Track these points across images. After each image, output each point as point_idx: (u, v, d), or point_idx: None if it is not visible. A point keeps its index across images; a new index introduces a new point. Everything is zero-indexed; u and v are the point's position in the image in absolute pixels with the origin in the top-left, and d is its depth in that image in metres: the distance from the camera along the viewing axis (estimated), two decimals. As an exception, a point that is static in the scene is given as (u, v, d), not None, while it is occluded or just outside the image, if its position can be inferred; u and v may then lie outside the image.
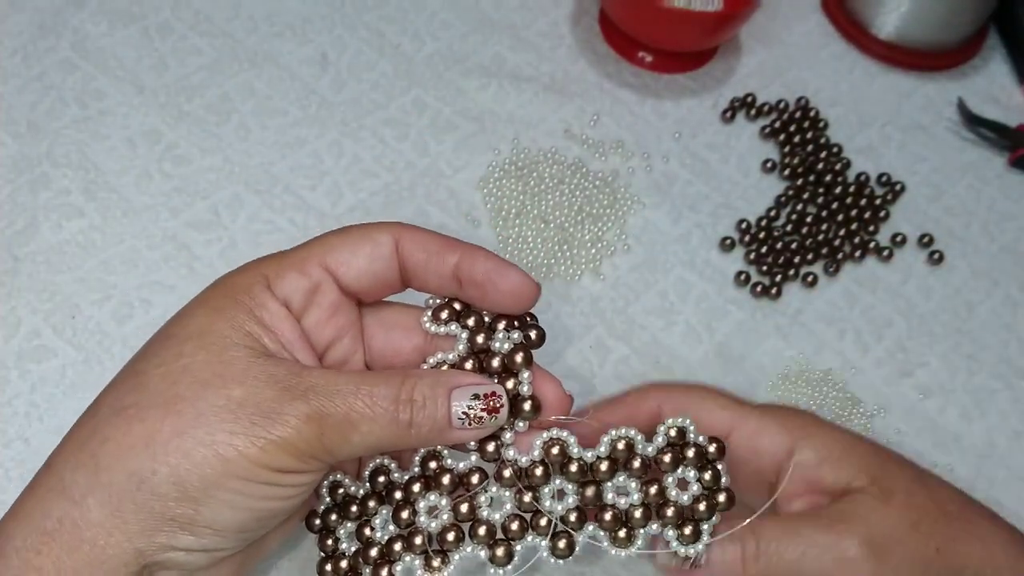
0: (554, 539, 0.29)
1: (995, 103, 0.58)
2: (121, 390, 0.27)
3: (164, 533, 0.26)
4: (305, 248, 0.30)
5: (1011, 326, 0.49)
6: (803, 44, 0.60)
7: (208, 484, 0.26)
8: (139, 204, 0.47)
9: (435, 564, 0.29)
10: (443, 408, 0.28)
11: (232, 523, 0.27)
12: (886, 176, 0.54)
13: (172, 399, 0.26)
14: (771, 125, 0.55)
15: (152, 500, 0.25)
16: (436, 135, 0.52)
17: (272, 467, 0.26)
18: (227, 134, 0.51)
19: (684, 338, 0.47)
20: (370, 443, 0.28)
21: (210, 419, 0.26)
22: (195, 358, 0.27)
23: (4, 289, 0.44)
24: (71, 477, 0.26)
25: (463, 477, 0.29)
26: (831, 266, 0.50)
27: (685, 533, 0.29)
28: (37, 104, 0.50)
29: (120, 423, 0.26)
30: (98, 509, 0.25)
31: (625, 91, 0.56)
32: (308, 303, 0.30)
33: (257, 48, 0.54)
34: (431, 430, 0.28)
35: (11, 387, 0.41)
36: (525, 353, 0.30)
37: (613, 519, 0.29)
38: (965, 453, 0.45)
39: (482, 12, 0.58)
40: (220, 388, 0.26)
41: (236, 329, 0.27)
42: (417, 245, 0.30)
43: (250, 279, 0.29)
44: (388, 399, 0.27)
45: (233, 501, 0.26)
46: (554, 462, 0.29)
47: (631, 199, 0.51)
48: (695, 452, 0.30)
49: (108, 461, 0.26)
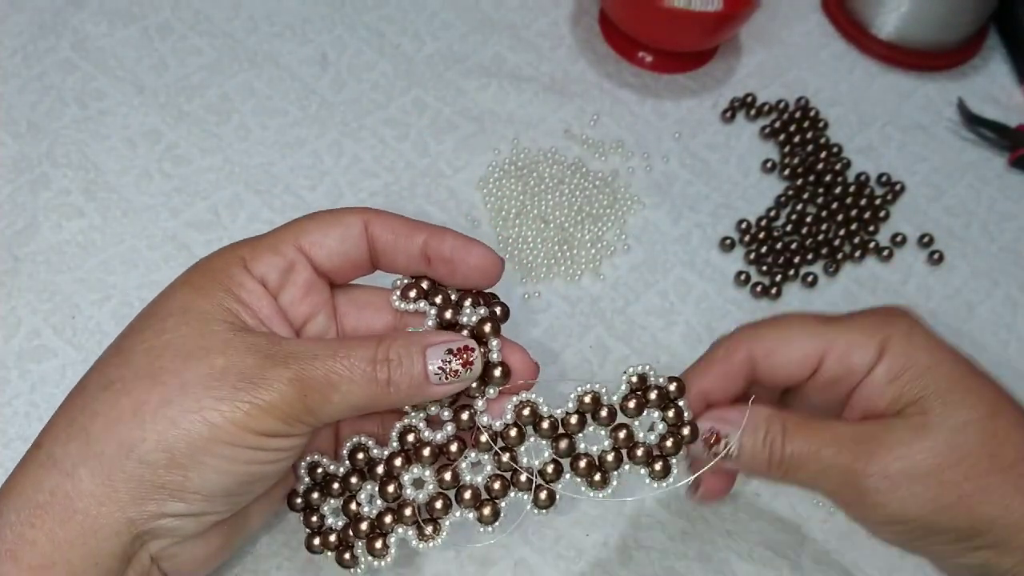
0: (535, 492, 0.31)
1: (995, 103, 0.58)
2: (106, 367, 0.28)
3: (154, 501, 0.27)
4: (279, 231, 0.31)
5: (1011, 326, 0.49)
6: (803, 44, 0.60)
7: (196, 450, 0.26)
8: (139, 204, 0.47)
9: (428, 532, 0.30)
10: (419, 365, 0.29)
11: (219, 487, 0.28)
12: (886, 176, 0.54)
13: (157, 371, 0.27)
14: (771, 125, 0.55)
15: (142, 468, 0.26)
16: (436, 135, 0.52)
17: (257, 431, 0.27)
18: (227, 134, 0.51)
19: (684, 338, 0.47)
20: (351, 403, 0.29)
21: (195, 388, 0.27)
22: (177, 332, 0.28)
23: (4, 289, 0.44)
24: (62, 450, 0.27)
25: (442, 447, 0.31)
26: (831, 266, 0.50)
27: (656, 469, 0.31)
28: (37, 104, 0.50)
29: (108, 397, 0.27)
30: (89, 479, 0.26)
31: (625, 91, 0.56)
32: (284, 281, 0.31)
33: (257, 48, 0.54)
34: (409, 386, 0.29)
35: (11, 387, 0.41)
36: (493, 323, 0.31)
37: (588, 466, 0.31)
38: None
39: (482, 12, 0.58)
40: (203, 359, 0.27)
41: (216, 305, 0.28)
42: (386, 227, 0.32)
43: (227, 260, 0.30)
44: (365, 359, 0.28)
45: (220, 466, 0.27)
46: (526, 422, 0.31)
47: (631, 199, 0.51)
48: (657, 394, 0.31)
49: (98, 433, 0.26)
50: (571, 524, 0.41)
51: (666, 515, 0.41)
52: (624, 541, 0.41)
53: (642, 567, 0.40)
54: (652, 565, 0.40)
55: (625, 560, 0.40)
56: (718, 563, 0.40)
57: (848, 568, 0.41)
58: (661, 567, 0.40)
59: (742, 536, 0.41)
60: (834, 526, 0.42)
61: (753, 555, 0.41)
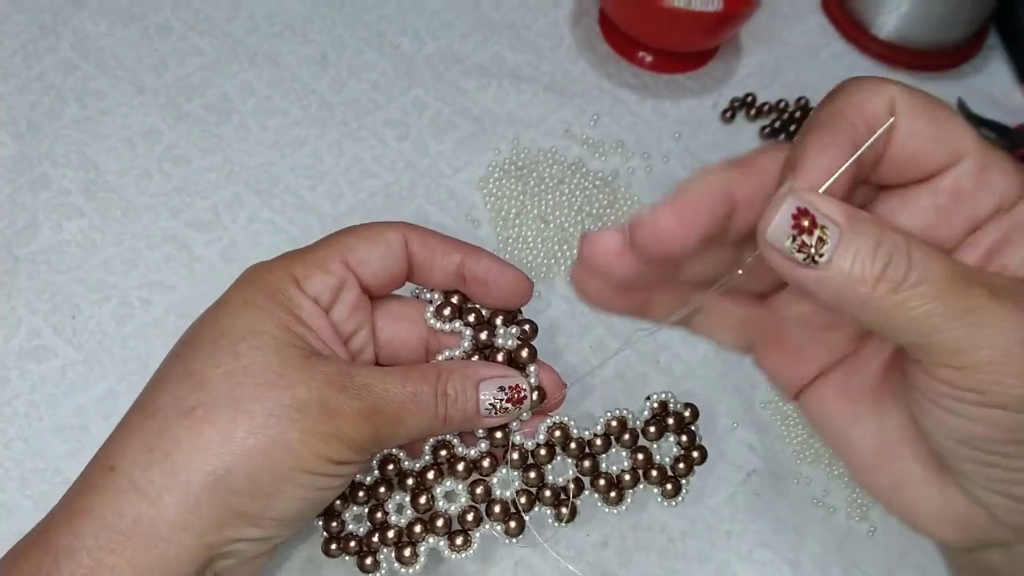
0: (557, 507, 0.33)
1: (995, 103, 0.58)
2: (180, 390, 0.28)
3: (234, 527, 0.28)
4: (326, 246, 0.32)
5: (1011, 326, 0.49)
6: (803, 44, 0.60)
7: (279, 479, 0.27)
8: (139, 204, 0.47)
9: (459, 543, 0.32)
10: (472, 400, 0.31)
11: (294, 513, 0.29)
12: (886, 176, 0.54)
13: (240, 399, 0.27)
14: (771, 125, 0.55)
15: (228, 496, 0.27)
16: (436, 135, 0.52)
17: (334, 459, 0.28)
18: (227, 134, 0.51)
19: (684, 338, 0.47)
20: (413, 434, 0.30)
21: (281, 419, 0.27)
22: (253, 359, 0.28)
23: (4, 289, 0.44)
24: (144, 477, 0.27)
25: (475, 463, 0.33)
26: (831, 266, 0.50)
27: (667, 489, 0.34)
28: (37, 104, 0.50)
29: (191, 424, 0.27)
30: (174, 507, 0.27)
31: (625, 91, 0.56)
32: (334, 299, 0.31)
33: (257, 48, 0.54)
34: (462, 420, 0.31)
35: (11, 387, 0.41)
36: (530, 349, 0.33)
37: (607, 484, 0.33)
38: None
39: (482, 12, 0.58)
40: (285, 389, 0.28)
41: (284, 329, 0.29)
42: (424, 244, 0.32)
43: (281, 278, 0.30)
44: (430, 394, 0.30)
45: (298, 493, 0.28)
46: (556, 442, 0.33)
47: (631, 199, 0.51)
48: (675, 420, 0.34)
49: (184, 461, 0.27)
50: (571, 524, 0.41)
51: (666, 516, 0.41)
52: (624, 541, 0.41)
53: (642, 567, 0.40)
54: (652, 565, 0.40)
55: (625, 560, 0.40)
56: (718, 564, 0.40)
57: (848, 569, 0.41)
58: (661, 567, 0.40)
59: (742, 537, 0.41)
60: (834, 527, 0.42)
61: (753, 556, 0.41)
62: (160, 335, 0.44)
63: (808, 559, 0.41)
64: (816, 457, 0.44)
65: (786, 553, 0.41)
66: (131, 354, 0.43)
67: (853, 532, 0.42)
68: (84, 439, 0.41)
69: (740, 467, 0.43)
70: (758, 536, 0.41)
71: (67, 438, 0.40)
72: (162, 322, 0.44)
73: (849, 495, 0.43)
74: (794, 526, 0.42)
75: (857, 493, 0.43)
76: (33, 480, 0.39)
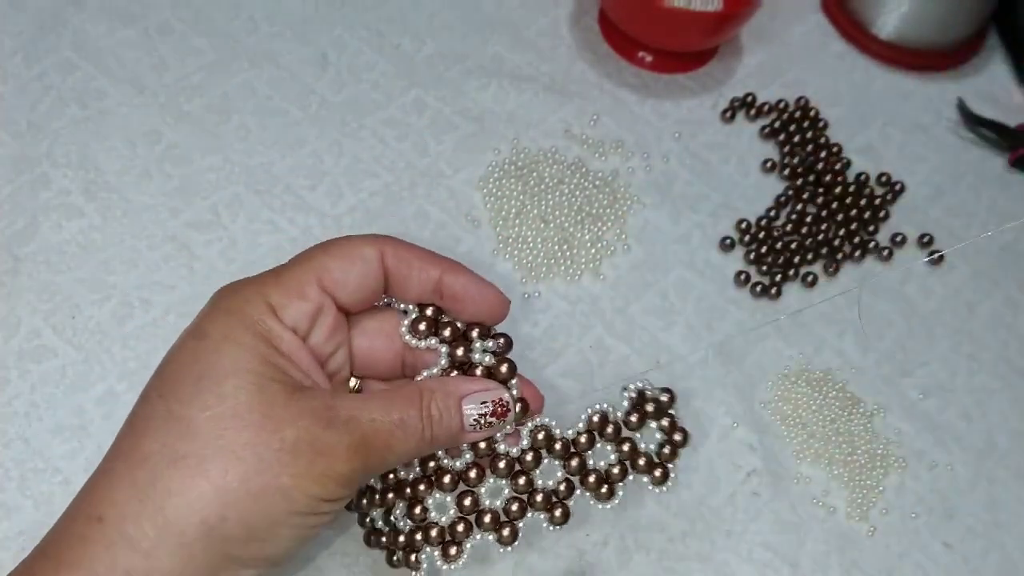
0: (550, 511, 0.33)
1: (995, 103, 0.58)
2: (168, 437, 0.28)
3: (227, 571, 0.28)
4: (301, 268, 0.31)
5: (1011, 326, 0.49)
6: (803, 44, 0.60)
7: (273, 523, 0.27)
8: (139, 204, 0.47)
9: (451, 552, 0.32)
10: (457, 418, 0.31)
11: (286, 553, 0.29)
12: (886, 176, 0.54)
13: (229, 446, 0.27)
14: (771, 125, 0.55)
15: (222, 543, 0.27)
16: (436, 135, 0.52)
17: (326, 498, 0.28)
18: (227, 134, 0.51)
19: (684, 338, 0.47)
20: (400, 460, 0.31)
21: (272, 464, 0.27)
22: (239, 399, 0.28)
23: (4, 289, 0.44)
24: (136, 530, 0.26)
25: (461, 474, 0.32)
26: (831, 266, 0.50)
27: (656, 476, 0.34)
28: (37, 104, 0.50)
29: (181, 475, 0.27)
30: (169, 560, 0.26)
31: (625, 91, 0.56)
32: (312, 325, 0.31)
33: (257, 48, 0.54)
34: (447, 438, 0.31)
35: (11, 387, 0.41)
36: (509, 364, 0.33)
37: (596, 481, 0.33)
38: (965, 453, 0.45)
39: (482, 12, 0.58)
40: (273, 432, 0.27)
41: (265, 364, 0.29)
42: (400, 258, 0.32)
43: (258, 308, 0.30)
44: (415, 418, 0.30)
45: (292, 534, 0.28)
46: (540, 446, 0.32)
47: (631, 199, 0.51)
48: (654, 406, 0.34)
49: (177, 513, 0.26)
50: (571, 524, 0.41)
51: (666, 516, 0.41)
52: (624, 542, 0.41)
53: (642, 567, 0.40)
54: (652, 566, 0.40)
55: (625, 560, 0.40)
56: (718, 564, 0.40)
57: (847, 569, 0.41)
58: (661, 568, 0.40)
59: (742, 537, 0.41)
60: (834, 526, 0.42)
61: (753, 556, 0.41)
62: (160, 335, 0.44)
63: (808, 559, 0.41)
64: (816, 457, 0.44)
65: (786, 553, 0.41)
66: (131, 354, 0.43)
67: (853, 532, 0.42)
68: (84, 439, 0.41)
69: (740, 467, 0.43)
70: (758, 536, 0.41)
71: (67, 438, 0.40)
72: (162, 322, 0.44)
73: (849, 495, 0.43)
74: (794, 526, 0.42)
75: (857, 493, 0.43)
76: (33, 480, 0.39)
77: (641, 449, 0.34)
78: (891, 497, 0.43)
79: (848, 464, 0.43)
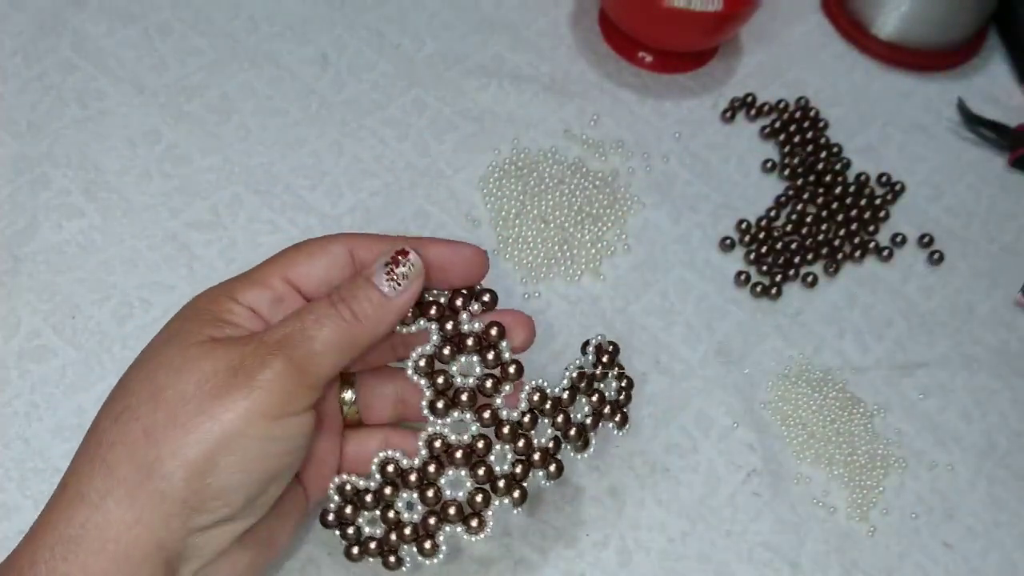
0: (546, 467, 0.34)
1: (995, 103, 0.58)
2: (112, 403, 0.29)
3: (178, 517, 0.27)
4: (266, 264, 0.32)
5: (1011, 326, 0.49)
6: (803, 44, 0.60)
7: (209, 452, 0.27)
8: (139, 204, 0.48)
9: (474, 525, 0.33)
10: (371, 289, 0.31)
11: (239, 488, 0.28)
12: (886, 176, 0.54)
13: (156, 391, 0.28)
14: (771, 125, 0.55)
15: (163, 484, 0.27)
16: (436, 135, 0.52)
17: (264, 414, 0.28)
18: (227, 134, 0.51)
19: (684, 338, 0.47)
20: (335, 349, 0.30)
21: (194, 394, 0.28)
22: (165, 353, 0.29)
23: (4, 289, 0.44)
24: (88, 486, 0.28)
25: (470, 447, 0.33)
26: (831, 266, 0.50)
27: (617, 420, 0.36)
28: (37, 104, 0.50)
29: (119, 427, 0.28)
30: (116, 507, 0.27)
31: (625, 91, 0.56)
32: (274, 313, 0.31)
33: (257, 48, 0.54)
34: (375, 311, 0.31)
35: (11, 387, 0.41)
36: (499, 327, 0.33)
37: (577, 434, 0.34)
38: (965, 453, 0.45)
39: (482, 12, 0.58)
40: (192, 368, 0.28)
41: (201, 325, 0.30)
42: (371, 249, 0.32)
43: (214, 295, 0.31)
44: (325, 304, 0.30)
45: (236, 463, 0.28)
46: (535, 407, 0.33)
47: (631, 199, 0.51)
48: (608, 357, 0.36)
49: (117, 461, 0.27)
50: (571, 524, 0.41)
51: (666, 516, 0.41)
52: (624, 541, 0.41)
53: (641, 567, 0.40)
54: (651, 565, 0.40)
55: (625, 560, 0.40)
56: (717, 564, 0.41)
57: (847, 569, 0.41)
58: (660, 567, 0.40)
59: (741, 537, 0.41)
60: (833, 526, 0.42)
61: (753, 556, 0.41)
62: (160, 335, 0.44)
63: (808, 559, 0.41)
64: (816, 457, 0.44)
65: (786, 553, 0.41)
66: (131, 354, 0.42)
67: (853, 532, 0.42)
68: (84, 439, 0.41)
69: (740, 467, 0.43)
70: (758, 536, 0.41)
71: (67, 438, 0.40)
72: (162, 322, 0.44)
73: (849, 495, 0.43)
74: (794, 526, 0.42)
75: (857, 493, 0.43)
76: (33, 480, 0.39)
77: (608, 398, 0.36)
78: (891, 497, 0.43)
79: (848, 464, 0.43)
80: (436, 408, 0.33)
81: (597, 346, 0.36)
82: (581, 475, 0.42)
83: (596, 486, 0.42)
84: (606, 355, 0.36)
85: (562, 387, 0.34)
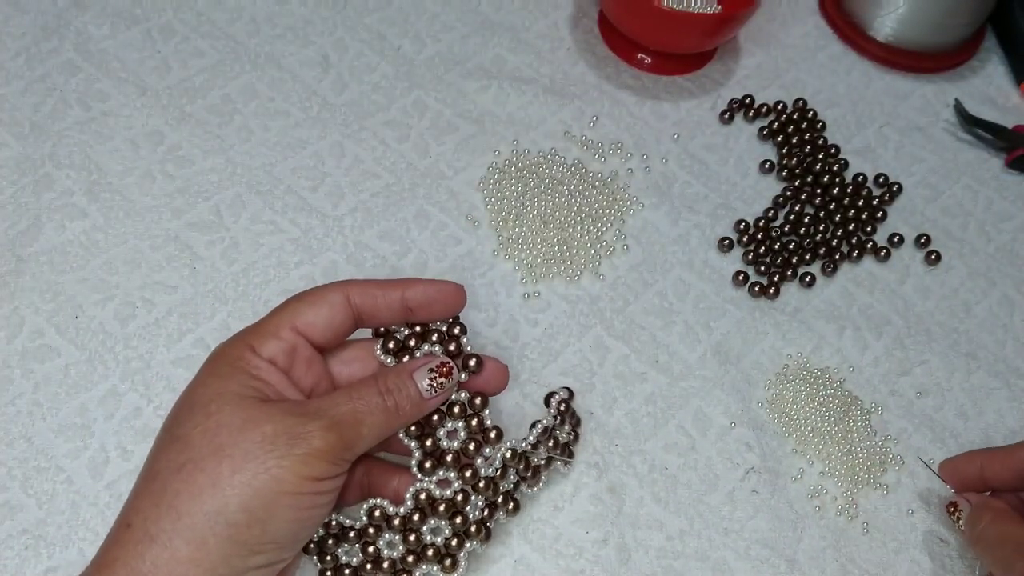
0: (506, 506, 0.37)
1: (992, 104, 0.59)
2: (170, 453, 0.33)
3: (238, 556, 0.31)
4: (276, 316, 0.36)
5: (1008, 325, 0.50)
6: (801, 46, 0.60)
7: (269, 504, 0.31)
8: (141, 205, 0.48)
9: (447, 564, 0.36)
10: (412, 387, 0.36)
11: (289, 535, 0.33)
12: (883, 177, 0.54)
13: (219, 447, 0.32)
14: (769, 126, 0.56)
15: (228, 529, 0.31)
16: (437, 136, 0.53)
17: (313, 476, 0.32)
18: (229, 135, 0.51)
19: (683, 338, 0.47)
20: (375, 432, 0.35)
21: (257, 453, 0.32)
22: (222, 414, 0.33)
23: (8, 289, 0.44)
24: (156, 527, 0.31)
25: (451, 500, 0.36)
26: (829, 266, 0.50)
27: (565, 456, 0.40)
28: (40, 106, 0.50)
29: (184, 477, 0.32)
30: (185, 548, 0.31)
31: (624, 93, 0.56)
32: (290, 361, 0.36)
33: (259, 50, 0.55)
34: (412, 406, 0.36)
35: (14, 386, 0.42)
36: (482, 398, 0.38)
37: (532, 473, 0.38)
38: (962, 450, 0.45)
39: (482, 14, 0.59)
40: (254, 429, 0.32)
41: (244, 386, 0.34)
42: (364, 294, 0.37)
43: (239, 348, 0.35)
44: (375, 393, 0.35)
45: (288, 515, 0.32)
46: (509, 464, 0.37)
47: (630, 200, 0.51)
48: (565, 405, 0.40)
49: (186, 507, 0.31)
50: (571, 522, 0.41)
51: (665, 514, 0.42)
52: (623, 539, 0.41)
53: (641, 565, 0.40)
54: (650, 563, 0.40)
55: (624, 558, 0.40)
56: (716, 561, 0.41)
57: (844, 565, 0.41)
58: (659, 565, 0.40)
59: (739, 534, 0.42)
60: (830, 524, 0.42)
61: (750, 553, 0.41)
62: (162, 335, 0.44)
63: (805, 556, 0.41)
64: (813, 455, 0.44)
65: (783, 550, 0.41)
66: (133, 354, 0.43)
67: (850, 529, 0.42)
68: (87, 438, 0.41)
69: (738, 465, 0.43)
70: (755, 533, 0.42)
71: (70, 437, 0.41)
72: (164, 322, 0.44)
73: (846, 492, 0.43)
74: (791, 523, 0.42)
75: (854, 490, 0.43)
76: (36, 479, 0.40)
77: (561, 441, 0.40)
78: (887, 494, 0.43)
79: (845, 462, 0.44)
80: (424, 467, 0.36)
81: (561, 399, 0.40)
82: (581, 474, 0.42)
83: (595, 484, 0.42)
84: (564, 404, 0.40)
85: (528, 442, 0.38)
